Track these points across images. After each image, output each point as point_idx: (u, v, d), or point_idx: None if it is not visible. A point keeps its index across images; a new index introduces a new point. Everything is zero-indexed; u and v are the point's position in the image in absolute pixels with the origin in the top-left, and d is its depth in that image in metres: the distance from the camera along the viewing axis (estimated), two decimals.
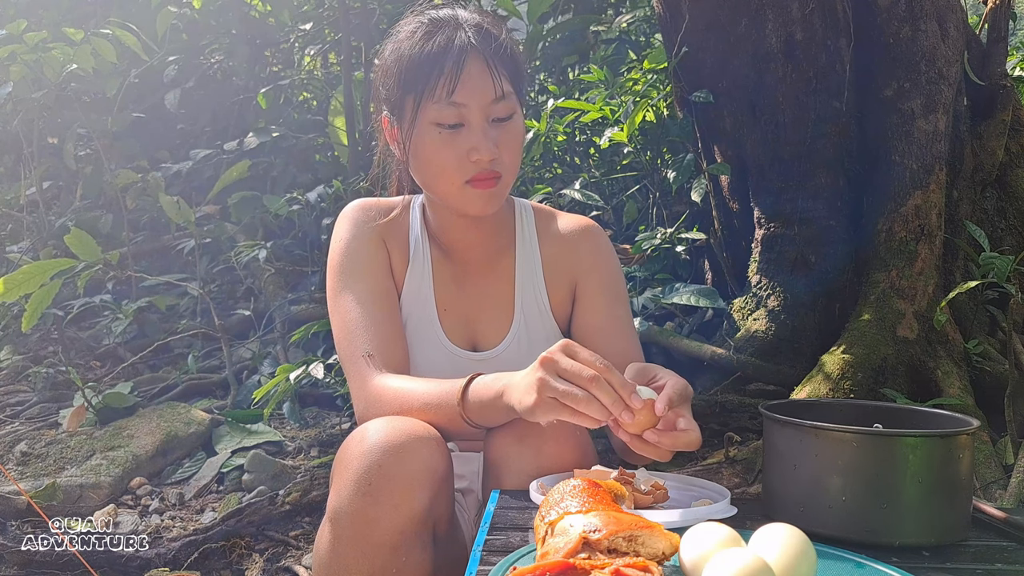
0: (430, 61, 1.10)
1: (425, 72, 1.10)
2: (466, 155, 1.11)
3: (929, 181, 2.14)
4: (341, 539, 0.98)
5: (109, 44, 3.17)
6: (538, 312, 1.27)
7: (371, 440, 0.98)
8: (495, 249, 1.28)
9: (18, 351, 3.42)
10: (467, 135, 1.11)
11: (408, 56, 1.12)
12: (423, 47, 1.11)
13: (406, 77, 1.12)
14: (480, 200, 1.14)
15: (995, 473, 1.71)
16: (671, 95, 2.53)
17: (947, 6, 2.24)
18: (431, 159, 1.13)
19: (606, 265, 1.28)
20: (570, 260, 1.27)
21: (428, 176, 1.16)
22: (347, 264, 1.21)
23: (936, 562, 0.79)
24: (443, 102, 1.10)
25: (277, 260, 3.42)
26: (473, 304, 1.27)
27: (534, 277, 1.27)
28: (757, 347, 2.16)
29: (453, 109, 1.10)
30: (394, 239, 1.26)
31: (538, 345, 1.24)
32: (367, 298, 1.19)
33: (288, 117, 4.08)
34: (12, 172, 4.57)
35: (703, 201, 2.35)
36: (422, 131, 1.12)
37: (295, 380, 2.17)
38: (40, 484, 2.15)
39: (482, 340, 1.26)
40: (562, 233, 1.29)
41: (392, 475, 0.96)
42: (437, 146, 1.12)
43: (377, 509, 0.96)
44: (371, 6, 3.75)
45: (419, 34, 1.13)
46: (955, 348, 2.05)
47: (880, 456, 0.82)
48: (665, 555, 0.70)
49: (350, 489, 0.97)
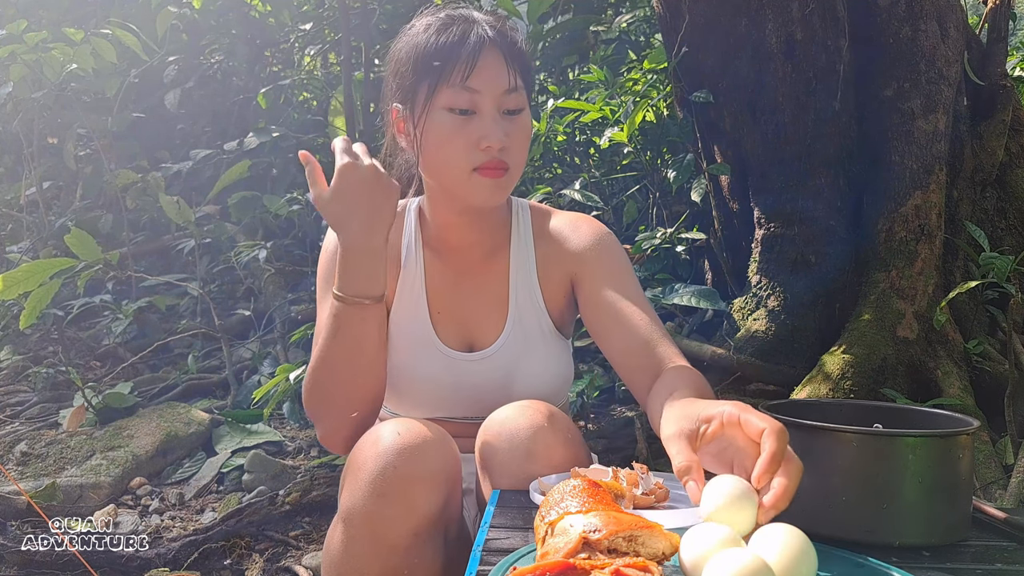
0: (447, 49, 1.12)
1: (442, 57, 1.12)
2: (476, 142, 1.12)
3: (929, 181, 2.14)
4: (354, 540, 0.98)
5: (109, 44, 3.17)
6: (532, 308, 1.26)
7: (385, 442, 0.99)
8: (491, 248, 1.28)
9: (18, 351, 3.42)
10: (478, 122, 1.12)
11: (424, 45, 1.14)
12: (439, 37, 1.13)
13: (422, 64, 1.14)
14: (485, 189, 1.15)
15: (995, 473, 1.71)
16: (671, 95, 2.53)
17: (947, 6, 2.24)
18: (441, 144, 1.14)
19: (603, 247, 1.25)
20: (562, 252, 1.26)
21: (437, 162, 1.17)
22: (329, 276, 1.23)
23: (936, 562, 0.79)
24: (457, 87, 1.11)
25: (277, 260, 3.42)
26: (467, 305, 1.27)
27: (528, 274, 1.27)
28: (757, 347, 2.16)
29: (467, 94, 1.12)
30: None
31: (533, 341, 1.25)
32: None
33: (288, 117, 4.08)
34: (12, 172, 4.57)
35: (703, 201, 2.35)
36: (434, 117, 1.14)
37: (295, 380, 2.17)
38: (40, 484, 2.15)
39: (477, 340, 1.26)
40: (556, 231, 1.28)
41: (407, 477, 0.96)
42: (448, 131, 1.13)
43: (392, 510, 0.96)
44: (371, 6, 3.75)
45: (435, 26, 1.15)
46: (955, 348, 2.05)
47: (880, 456, 0.82)
48: (665, 555, 0.70)
49: (364, 490, 0.97)
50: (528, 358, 1.24)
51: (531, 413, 1.05)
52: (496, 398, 1.14)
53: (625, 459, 2.04)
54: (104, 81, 3.79)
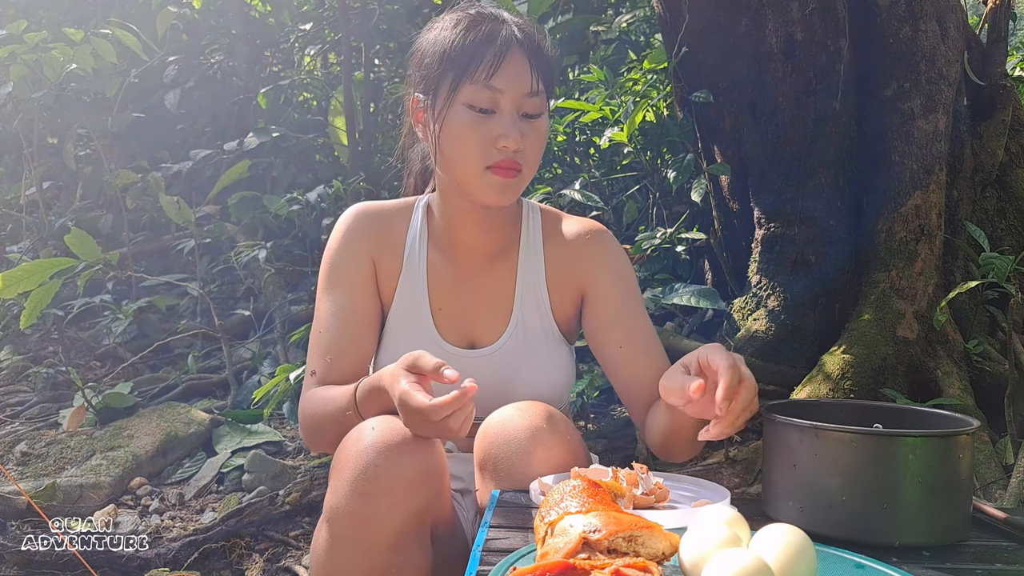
0: (474, 45, 1.14)
1: (468, 54, 1.14)
2: (493, 141, 1.14)
3: (929, 181, 2.14)
4: (338, 539, 0.98)
5: (109, 44, 3.17)
6: (537, 310, 1.27)
7: (367, 440, 0.99)
8: (498, 247, 1.28)
9: (18, 351, 3.42)
10: (497, 121, 1.14)
11: (452, 39, 1.16)
12: (467, 34, 1.15)
13: (448, 57, 1.15)
14: (497, 189, 1.16)
15: (995, 473, 1.71)
16: (671, 95, 2.53)
17: (947, 6, 2.24)
18: (458, 139, 1.16)
19: (614, 262, 1.29)
20: (576, 265, 1.28)
21: (452, 157, 1.18)
22: (331, 272, 1.26)
23: (936, 562, 0.79)
24: (480, 84, 1.13)
25: (277, 260, 3.42)
26: (470, 302, 1.27)
27: (536, 276, 1.27)
28: (757, 347, 2.16)
29: (488, 93, 1.13)
30: (387, 246, 1.28)
31: (536, 343, 1.26)
32: (337, 311, 1.24)
33: (288, 117, 4.08)
34: (12, 172, 4.58)
35: (703, 201, 2.35)
36: (454, 111, 1.15)
37: (295, 380, 2.17)
38: (40, 484, 2.15)
39: (479, 337, 1.27)
40: (568, 236, 1.29)
41: (389, 475, 0.96)
42: (466, 127, 1.14)
43: (374, 509, 0.96)
44: (371, 6, 3.75)
45: (464, 23, 1.17)
46: (955, 348, 2.05)
47: (881, 456, 0.82)
48: (665, 555, 0.70)
49: (347, 489, 0.97)
50: (530, 359, 1.25)
51: (530, 415, 1.05)
52: (496, 398, 1.14)
53: (625, 459, 2.04)
54: (104, 81, 3.79)
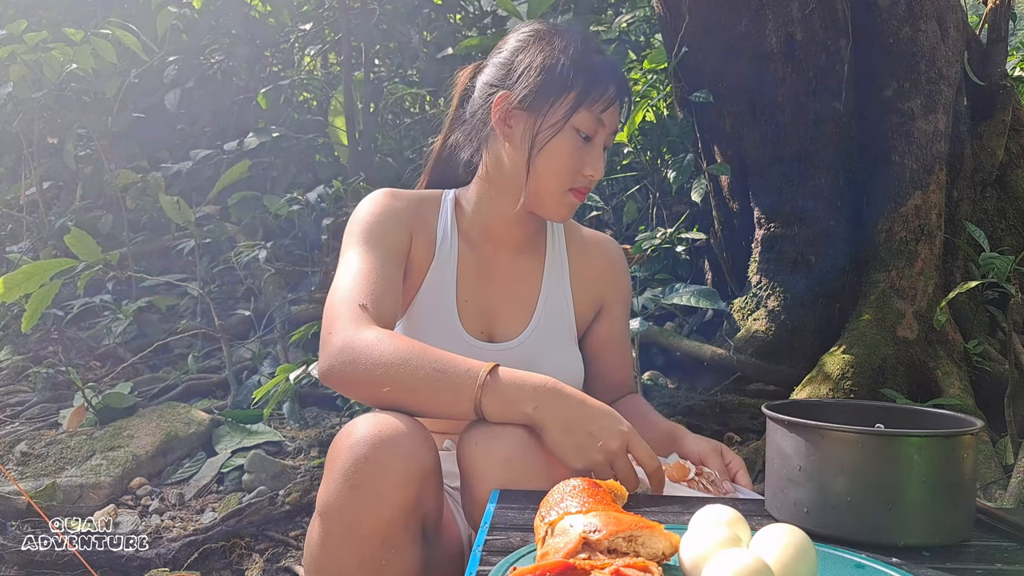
0: (605, 73, 1.21)
1: (599, 80, 1.20)
2: (582, 167, 1.21)
3: (929, 181, 2.14)
4: (330, 533, 0.99)
5: (109, 44, 3.17)
6: (560, 311, 1.32)
7: (358, 434, 0.99)
8: (527, 246, 1.34)
9: (18, 351, 3.42)
10: (591, 150, 1.22)
11: (583, 56, 1.21)
12: (596, 57, 1.22)
13: (577, 74, 1.19)
14: (567, 208, 1.25)
15: (995, 473, 1.71)
16: (671, 95, 2.53)
17: (947, 6, 2.24)
18: (556, 158, 1.21)
19: (627, 285, 1.43)
20: (599, 278, 1.38)
21: (543, 171, 1.22)
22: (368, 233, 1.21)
23: (936, 562, 0.79)
24: (594, 114, 1.20)
25: (277, 260, 3.42)
26: (494, 297, 1.31)
27: (561, 278, 1.35)
28: (757, 347, 2.16)
29: (595, 124, 1.20)
30: (421, 230, 1.29)
31: (555, 343, 1.30)
32: (375, 256, 1.19)
33: (288, 117, 4.09)
34: (12, 172, 4.57)
35: (703, 201, 2.35)
36: (564, 131, 1.20)
37: (295, 380, 2.17)
38: (40, 484, 2.15)
39: (500, 332, 1.29)
40: (591, 249, 1.40)
41: (379, 468, 0.96)
42: (569, 149, 1.21)
43: (364, 502, 0.96)
44: (371, 6, 3.75)
45: (587, 49, 1.22)
46: (955, 348, 2.05)
47: (885, 456, 0.82)
48: (665, 555, 0.70)
49: (338, 483, 0.98)
50: (548, 358, 1.27)
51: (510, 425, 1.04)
52: None
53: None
54: (104, 81, 3.79)
